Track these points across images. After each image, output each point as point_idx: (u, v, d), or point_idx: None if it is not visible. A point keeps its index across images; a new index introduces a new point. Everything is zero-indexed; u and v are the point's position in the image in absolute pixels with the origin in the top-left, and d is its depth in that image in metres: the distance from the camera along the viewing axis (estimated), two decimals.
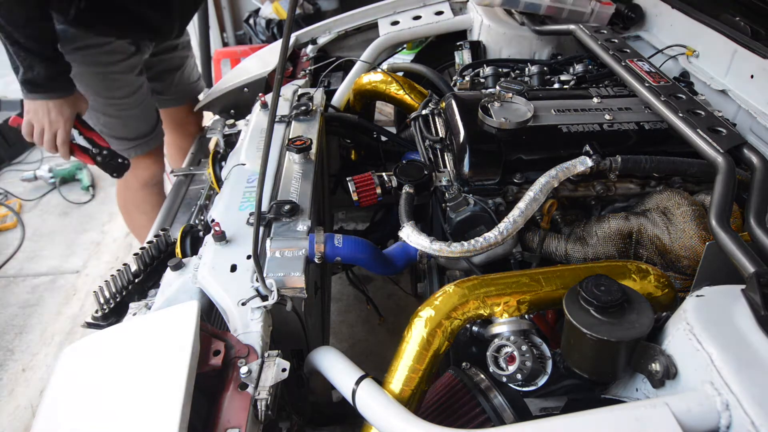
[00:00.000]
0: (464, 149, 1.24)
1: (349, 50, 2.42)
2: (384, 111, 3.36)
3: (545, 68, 1.67)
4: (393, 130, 2.03)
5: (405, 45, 2.38)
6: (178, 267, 1.13)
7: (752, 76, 1.49)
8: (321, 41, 2.36)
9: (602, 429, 0.71)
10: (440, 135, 1.46)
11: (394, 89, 1.77)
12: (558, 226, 1.27)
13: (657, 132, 1.29)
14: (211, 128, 2.08)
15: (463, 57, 2.00)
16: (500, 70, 1.70)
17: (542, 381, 0.95)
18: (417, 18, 2.24)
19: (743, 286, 0.83)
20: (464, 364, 1.02)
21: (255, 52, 2.49)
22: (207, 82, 3.59)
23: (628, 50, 1.57)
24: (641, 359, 0.83)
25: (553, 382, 1.00)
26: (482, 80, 1.71)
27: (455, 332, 0.98)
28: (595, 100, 1.38)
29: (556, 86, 1.61)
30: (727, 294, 0.82)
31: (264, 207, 1.20)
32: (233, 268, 1.08)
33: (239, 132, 1.76)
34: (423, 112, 1.55)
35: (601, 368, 0.88)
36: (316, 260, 1.12)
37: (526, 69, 1.69)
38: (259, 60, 2.28)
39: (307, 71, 2.14)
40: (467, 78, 1.72)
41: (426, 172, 1.31)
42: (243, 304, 1.00)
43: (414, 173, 1.31)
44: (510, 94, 1.35)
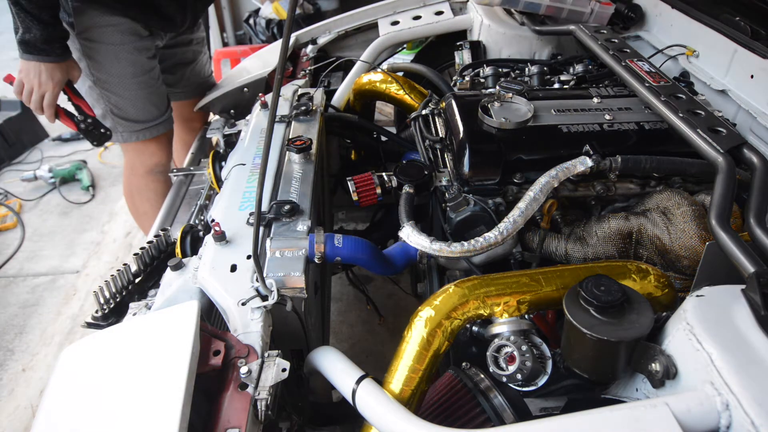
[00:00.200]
0: (464, 149, 1.24)
1: (349, 50, 2.43)
2: (384, 111, 3.36)
3: (545, 68, 1.67)
4: (393, 130, 2.03)
5: (405, 45, 2.38)
6: (178, 267, 1.13)
7: (752, 76, 1.49)
8: (321, 41, 2.37)
9: (602, 429, 0.71)
10: (440, 135, 1.46)
11: (394, 89, 1.77)
12: (558, 226, 1.27)
13: (657, 132, 1.29)
14: (212, 128, 2.08)
15: (463, 57, 2.00)
16: (500, 70, 1.71)
17: (542, 381, 0.95)
18: (417, 18, 2.24)
19: (743, 286, 0.83)
20: (464, 364, 1.02)
21: (255, 52, 2.50)
22: None
23: (628, 50, 1.57)
24: (641, 359, 0.83)
25: (553, 382, 1.00)
26: (482, 80, 1.71)
27: (455, 332, 0.98)
28: (595, 100, 1.38)
29: (556, 86, 1.61)
30: (727, 294, 0.82)
31: (264, 207, 1.20)
32: (233, 268, 1.08)
33: (239, 132, 1.76)
34: (423, 112, 1.55)
35: (601, 368, 0.88)
36: (316, 260, 1.12)
37: (526, 69, 1.69)
38: (259, 60, 2.29)
39: (307, 71, 2.14)
40: (467, 78, 1.72)
41: (426, 172, 1.32)
42: (243, 304, 1.00)
43: (414, 173, 1.31)
44: (510, 94, 1.35)
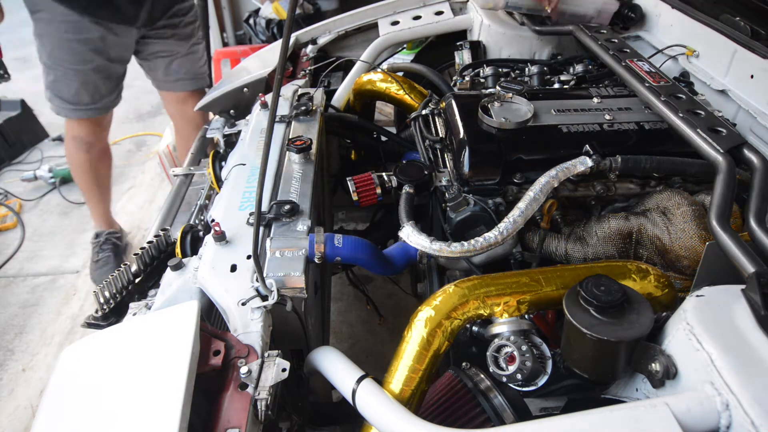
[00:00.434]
0: (464, 149, 1.24)
1: (349, 50, 2.43)
2: (384, 111, 3.36)
3: (545, 68, 1.67)
4: (393, 130, 2.03)
5: (405, 45, 2.38)
6: (178, 267, 1.13)
7: (752, 76, 1.49)
8: (321, 41, 2.36)
9: (602, 429, 0.71)
10: (440, 135, 1.46)
11: (394, 89, 1.77)
12: (558, 226, 1.27)
13: (657, 132, 1.29)
14: (212, 128, 2.08)
15: (463, 57, 2.00)
16: (500, 70, 1.70)
17: (542, 381, 0.95)
18: (417, 18, 2.24)
19: (743, 286, 0.83)
20: (464, 364, 1.02)
21: (255, 52, 2.49)
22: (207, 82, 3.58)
23: (628, 50, 1.57)
24: (641, 359, 0.83)
25: (553, 382, 1.00)
26: (482, 80, 1.71)
27: (455, 332, 0.98)
28: (595, 100, 1.38)
29: (556, 86, 1.61)
30: (727, 294, 0.82)
31: (264, 207, 1.20)
32: (233, 268, 1.08)
33: (239, 132, 1.76)
34: (423, 112, 1.55)
35: (601, 368, 0.88)
36: (316, 260, 1.12)
37: (526, 69, 1.69)
38: (259, 60, 2.28)
39: (307, 71, 2.14)
40: (467, 78, 1.72)
41: (426, 172, 1.32)
42: (243, 304, 1.00)
43: (414, 173, 1.31)
44: (510, 94, 1.35)
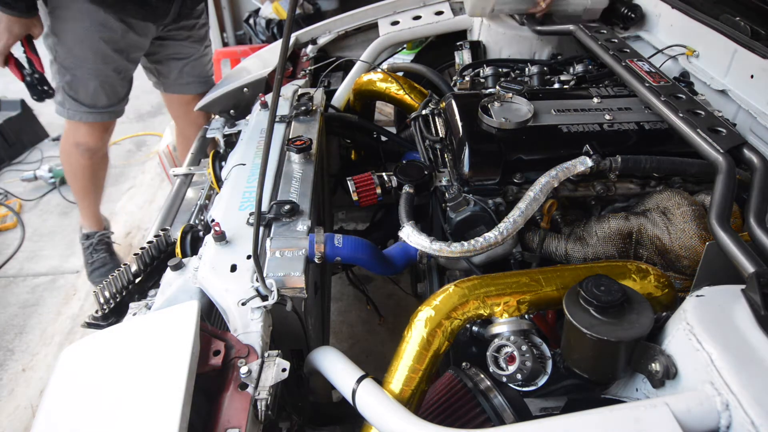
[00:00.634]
0: (464, 149, 1.24)
1: (349, 50, 2.43)
2: (384, 111, 3.35)
3: (545, 68, 1.67)
4: (393, 130, 2.03)
5: (405, 45, 2.38)
6: (178, 267, 1.13)
7: (752, 76, 1.49)
8: (321, 41, 2.36)
9: (602, 429, 0.71)
10: (440, 135, 1.46)
11: (394, 89, 1.77)
12: (558, 226, 1.27)
13: (657, 132, 1.29)
14: (212, 128, 2.08)
15: (463, 57, 2.00)
16: (500, 70, 1.70)
17: (542, 381, 0.95)
18: (417, 18, 2.24)
19: (743, 286, 0.83)
20: (464, 364, 1.02)
21: (255, 52, 2.49)
22: None
23: (628, 50, 1.57)
24: (641, 359, 0.83)
25: (553, 382, 1.00)
26: (482, 80, 1.71)
27: (455, 332, 0.98)
28: (595, 100, 1.38)
29: (556, 86, 1.61)
30: (727, 294, 0.82)
31: (264, 207, 1.20)
32: (233, 268, 1.08)
33: (239, 132, 1.76)
34: (423, 112, 1.55)
35: (601, 368, 0.88)
36: (316, 260, 1.12)
37: (526, 69, 1.69)
38: (259, 60, 2.28)
39: (307, 71, 2.14)
40: (467, 78, 1.72)
41: (426, 172, 1.31)
42: (243, 304, 1.00)
43: (414, 173, 1.31)
44: (510, 94, 1.35)
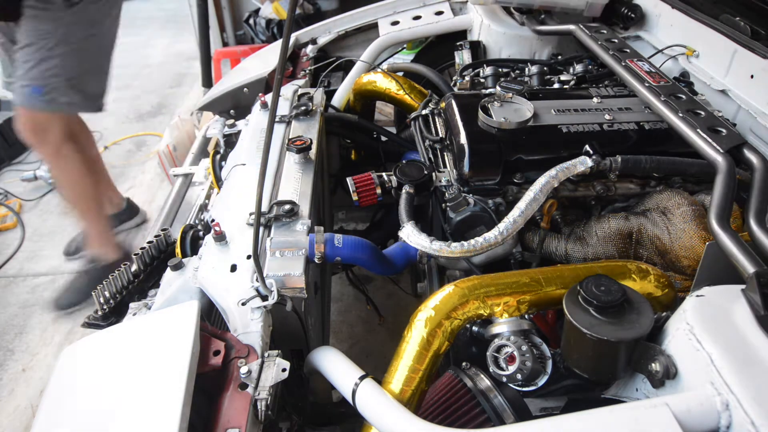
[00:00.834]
0: (464, 149, 1.24)
1: (349, 50, 2.43)
2: (384, 111, 3.35)
3: (545, 68, 1.67)
4: (393, 130, 2.03)
5: (405, 45, 2.38)
6: (178, 267, 1.13)
7: (752, 76, 1.49)
8: (321, 41, 2.36)
9: (602, 429, 0.71)
10: (440, 135, 1.46)
11: (394, 89, 1.77)
12: (558, 226, 1.27)
13: (657, 132, 1.29)
14: (212, 128, 2.08)
15: (463, 57, 2.00)
16: (500, 70, 1.70)
17: (542, 381, 0.95)
18: (417, 18, 2.24)
19: (743, 286, 0.83)
20: (464, 364, 1.02)
21: (255, 52, 2.49)
22: (207, 82, 3.59)
23: (628, 50, 1.57)
24: (641, 359, 0.83)
25: (553, 382, 1.00)
26: (482, 80, 1.71)
27: (455, 332, 0.98)
28: (595, 100, 1.38)
29: (556, 86, 1.61)
30: (727, 294, 0.82)
31: (264, 207, 1.20)
32: (233, 268, 1.08)
33: (239, 132, 1.76)
34: (423, 112, 1.55)
35: (601, 368, 0.88)
36: (316, 260, 1.12)
37: (526, 69, 1.69)
38: (259, 60, 2.28)
39: (307, 71, 2.14)
40: (467, 78, 1.72)
41: (426, 172, 1.31)
42: (243, 304, 1.00)
43: (414, 173, 1.31)
44: (510, 94, 1.35)
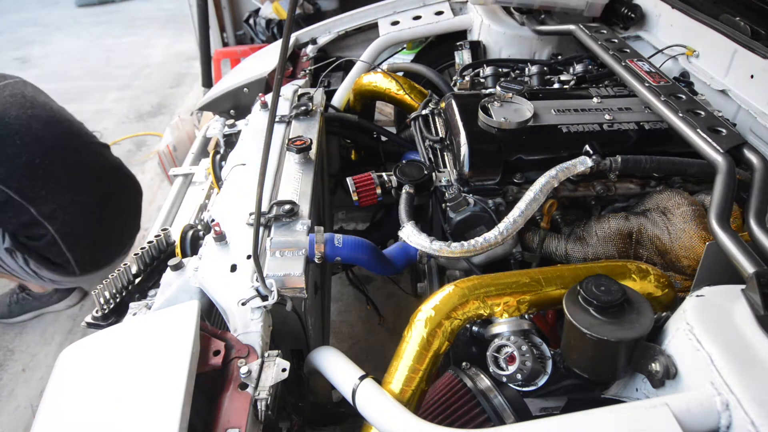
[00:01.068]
0: (464, 149, 1.24)
1: (349, 50, 2.43)
2: (384, 111, 3.35)
3: (545, 68, 1.67)
4: (393, 130, 2.03)
5: (405, 45, 2.38)
6: (178, 267, 1.13)
7: (752, 76, 1.49)
8: (321, 41, 2.36)
9: (602, 429, 0.71)
10: (440, 135, 1.46)
11: (394, 89, 1.77)
12: (558, 226, 1.27)
13: (657, 132, 1.29)
14: (212, 128, 2.08)
15: (463, 57, 2.00)
16: (500, 70, 1.70)
17: (542, 381, 0.95)
18: (417, 18, 2.24)
19: (743, 286, 0.83)
20: (464, 364, 1.02)
21: (255, 52, 2.49)
22: (207, 82, 3.59)
23: (628, 50, 1.57)
24: (641, 359, 0.83)
25: (553, 382, 1.00)
26: (482, 80, 1.71)
27: (455, 332, 0.98)
28: (595, 100, 1.38)
29: (556, 86, 1.61)
30: (727, 294, 0.82)
31: (264, 207, 1.20)
32: (233, 268, 1.08)
33: (239, 132, 1.76)
34: (423, 112, 1.55)
35: (601, 368, 0.88)
36: (316, 260, 1.12)
37: (526, 69, 1.69)
38: (259, 60, 2.28)
39: (307, 71, 2.14)
40: (467, 78, 1.72)
41: (426, 172, 1.31)
42: (243, 304, 1.00)
43: (414, 173, 1.31)
44: (510, 94, 1.35)
